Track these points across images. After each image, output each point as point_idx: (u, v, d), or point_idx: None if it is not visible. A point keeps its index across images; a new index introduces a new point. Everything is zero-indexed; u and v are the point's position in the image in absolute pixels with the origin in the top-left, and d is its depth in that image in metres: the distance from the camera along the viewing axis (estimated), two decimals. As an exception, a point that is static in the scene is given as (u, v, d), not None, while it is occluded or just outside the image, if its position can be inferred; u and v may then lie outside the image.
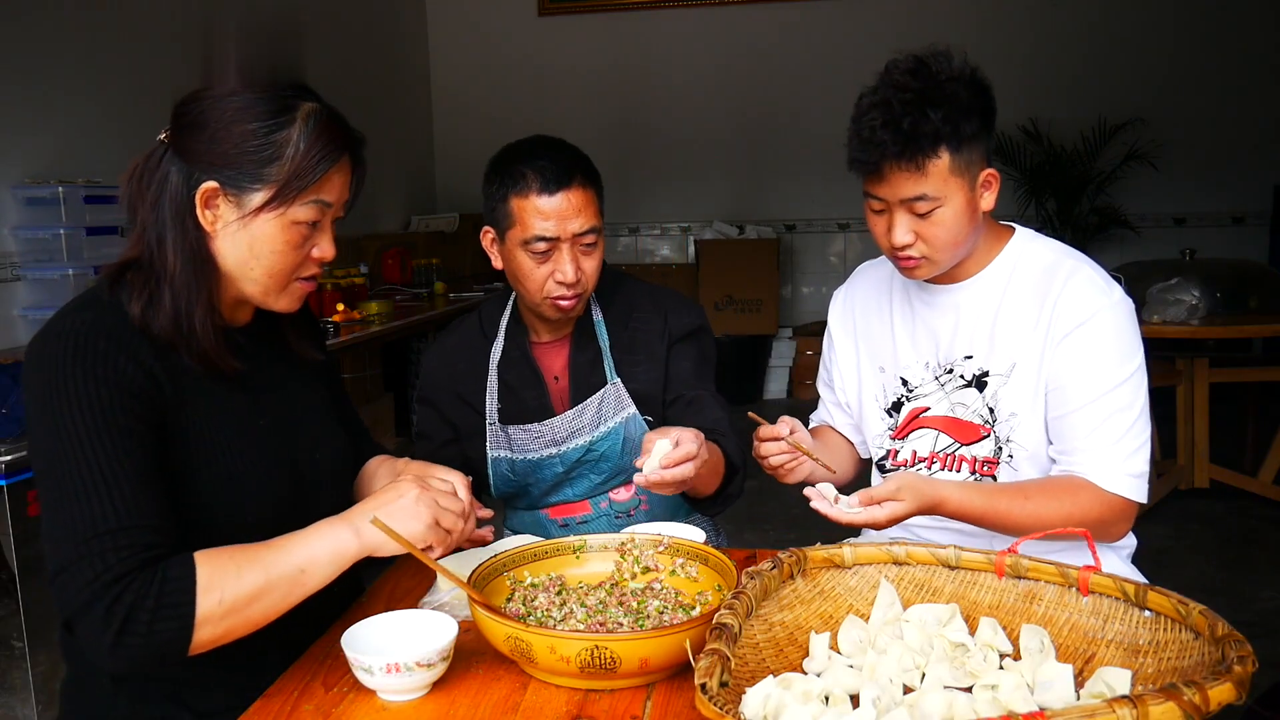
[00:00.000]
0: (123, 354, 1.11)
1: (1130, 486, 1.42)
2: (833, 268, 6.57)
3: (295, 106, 1.17)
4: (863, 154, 1.39)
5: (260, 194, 1.15)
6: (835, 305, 1.76)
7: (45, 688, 2.32)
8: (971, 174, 1.41)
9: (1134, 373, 1.44)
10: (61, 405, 1.08)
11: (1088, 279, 1.46)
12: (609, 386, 1.72)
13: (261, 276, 1.20)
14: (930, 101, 1.35)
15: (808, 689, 0.95)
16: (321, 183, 1.17)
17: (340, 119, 1.21)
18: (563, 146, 1.66)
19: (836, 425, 1.77)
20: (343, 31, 5.60)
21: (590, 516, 1.77)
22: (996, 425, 1.50)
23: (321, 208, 1.19)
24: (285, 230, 1.17)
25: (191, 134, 1.15)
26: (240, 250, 1.18)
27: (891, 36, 6.70)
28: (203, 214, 1.16)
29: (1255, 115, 5.92)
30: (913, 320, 1.59)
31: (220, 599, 1.06)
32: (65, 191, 3.25)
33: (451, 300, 4.91)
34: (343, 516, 1.16)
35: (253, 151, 1.14)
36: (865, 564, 1.18)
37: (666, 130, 6.54)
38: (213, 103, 1.15)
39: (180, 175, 1.16)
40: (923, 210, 1.40)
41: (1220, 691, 0.77)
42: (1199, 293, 3.79)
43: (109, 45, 3.77)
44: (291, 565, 1.11)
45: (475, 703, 1.10)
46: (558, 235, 1.60)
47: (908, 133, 1.35)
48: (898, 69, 1.40)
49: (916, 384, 1.58)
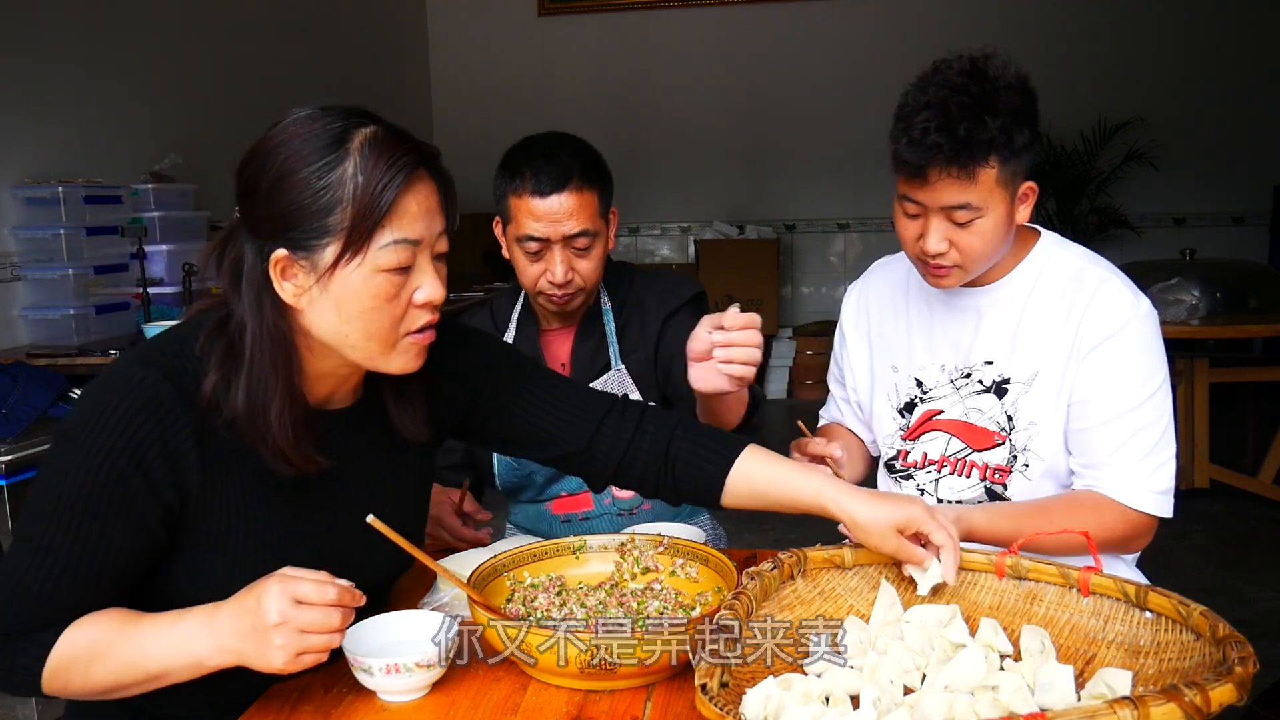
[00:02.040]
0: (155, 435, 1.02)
1: (1154, 503, 1.40)
2: (833, 268, 6.57)
3: (349, 137, 1.01)
4: (913, 155, 1.33)
5: (331, 248, 1.01)
6: (849, 301, 1.72)
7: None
8: (1015, 186, 1.37)
9: (1160, 387, 1.42)
10: (67, 454, 1.03)
11: (1116, 290, 1.43)
12: (612, 372, 1.75)
13: (360, 341, 1.05)
14: (989, 108, 1.30)
15: (808, 690, 0.95)
16: (394, 215, 1.01)
17: (401, 135, 1.05)
18: (566, 147, 1.66)
19: (847, 423, 1.76)
20: (342, 32, 5.60)
21: (592, 513, 1.78)
22: (1014, 433, 1.48)
23: (406, 246, 1.03)
24: (369, 282, 1.02)
25: (251, 201, 1.03)
26: (329, 317, 1.04)
27: (892, 37, 6.70)
28: (281, 287, 1.03)
29: (1255, 115, 5.92)
30: (930, 321, 1.56)
31: (65, 685, 1.06)
32: (65, 191, 3.25)
33: (452, 300, 4.90)
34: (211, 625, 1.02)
35: (309, 202, 1.00)
36: (866, 564, 1.18)
37: (666, 130, 6.54)
38: (264, 158, 1.03)
39: (253, 250, 1.04)
40: (963, 220, 1.36)
41: (1221, 692, 0.77)
42: (1199, 293, 3.79)
43: (109, 45, 3.77)
44: (144, 672, 1.04)
45: (475, 703, 1.10)
46: (548, 236, 1.63)
47: (964, 139, 1.30)
48: (951, 69, 1.35)
49: (931, 386, 1.56)
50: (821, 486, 1.18)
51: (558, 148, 1.65)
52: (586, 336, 1.77)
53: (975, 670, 0.98)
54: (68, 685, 1.05)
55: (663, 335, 1.75)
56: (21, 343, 3.29)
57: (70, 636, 1.04)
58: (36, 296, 3.31)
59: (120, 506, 1.02)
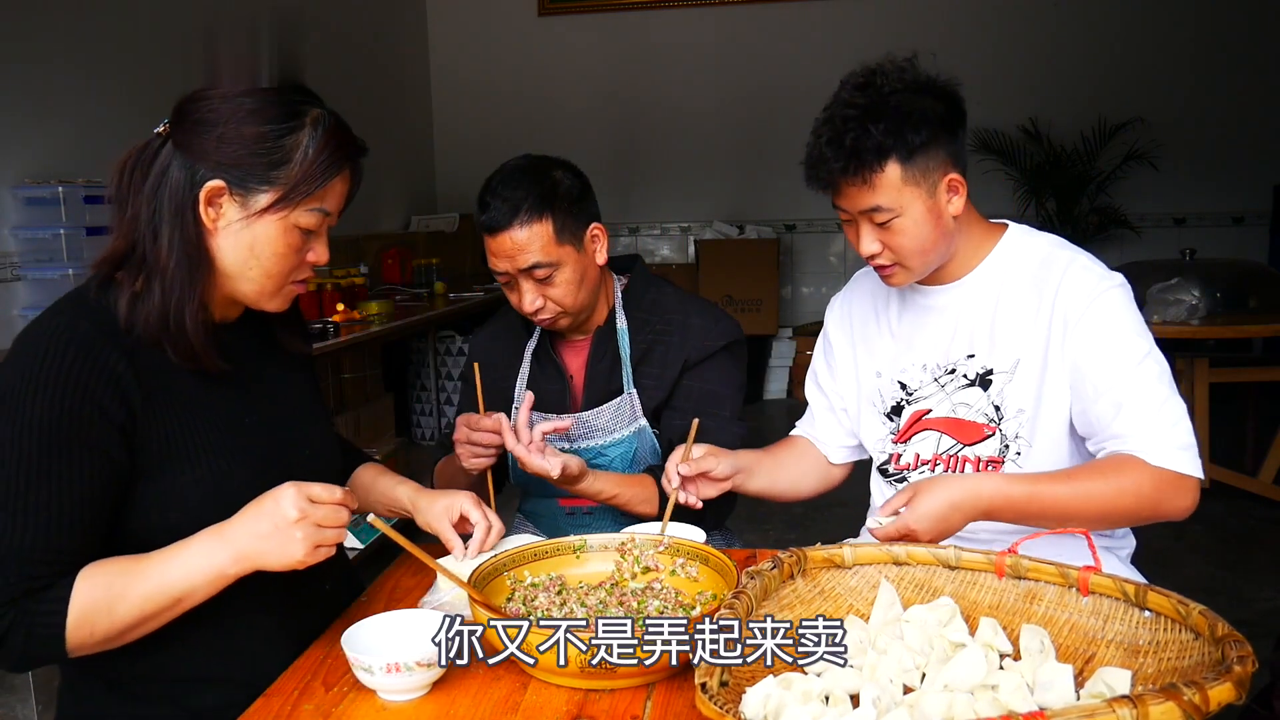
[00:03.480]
0: (89, 366, 1.10)
1: (1180, 460, 1.34)
2: (833, 268, 6.57)
3: (303, 111, 1.18)
4: (812, 172, 1.43)
5: (266, 196, 1.16)
6: (833, 311, 1.75)
7: (45, 688, 2.32)
8: (930, 181, 1.40)
9: (1152, 348, 1.41)
10: (10, 417, 1.08)
11: (1084, 266, 1.45)
12: (624, 396, 1.75)
13: (259, 277, 1.20)
14: (873, 116, 1.37)
15: (808, 689, 0.95)
16: (325, 190, 1.19)
17: (346, 127, 1.22)
18: (524, 178, 1.63)
19: (817, 434, 1.76)
20: (343, 31, 5.60)
21: (596, 509, 1.80)
22: (1003, 423, 1.49)
23: (322, 215, 1.20)
24: (286, 233, 1.18)
25: (198, 131, 1.15)
26: (241, 250, 1.18)
27: (890, 36, 6.70)
28: (205, 211, 1.16)
29: (1255, 115, 5.92)
30: (909, 323, 1.59)
31: (91, 633, 1.09)
32: (65, 191, 3.25)
33: (451, 300, 4.91)
34: (223, 538, 1.12)
35: (263, 154, 1.15)
36: (865, 564, 1.18)
37: (666, 130, 6.54)
38: (222, 102, 1.15)
39: (183, 171, 1.15)
40: (881, 220, 1.41)
41: (1220, 691, 0.77)
42: (1199, 293, 3.79)
43: (109, 45, 3.77)
44: (168, 596, 1.11)
45: (475, 703, 1.10)
46: (507, 270, 1.65)
47: (850, 148, 1.37)
48: (847, 85, 1.43)
49: (915, 386, 1.57)
50: (407, 493, 1.48)
51: (513, 180, 1.63)
52: (600, 356, 1.77)
53: (975, 669, 0.98)
54: (94, 631, 1.09)
55: (680, 381, 1.75)
56: (21, 343, 3.29)
57: (83, 587, 1.09)
58: (36, 296, 3.31)
59: (82, 442, 1.10)
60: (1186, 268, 4.02)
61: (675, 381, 1.75)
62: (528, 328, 1.84)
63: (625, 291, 1.81)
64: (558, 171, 1.67)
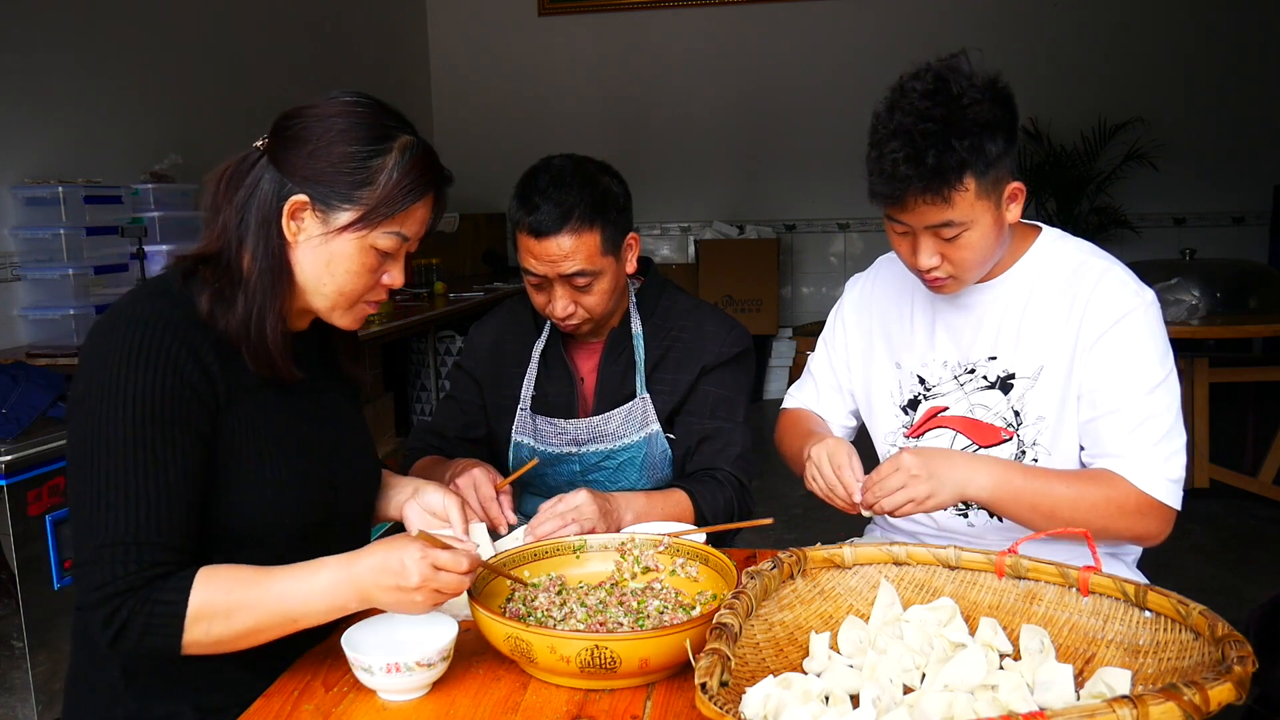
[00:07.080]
0: (185, 349, 1.13)
1: (1165, 490, 1.39)
2: (833, 268, 6.57)
3: (393, 135, 1.20)
4: (885, 188, 1.32)
5: (347, 214, 1.18)
6: (852, 292, 1.71)
7: (45, 688, 2.32)
8: (998, 192, 1.36)
9: (1168, 376, 1.41)
10: (110, 399, 1.10)
11: (1119, 280, 1.43)
12: (637, 400, 1.74)
13: (332, 293, 1.23)
14: (956, 131, 1.28)
15: (808, 689, 0.95)
16: (405, 214, 1.21)
17: (433, 156, 1.24)
18: (574, 181, 1.60)
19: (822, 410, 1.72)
20: (343, 32, 5.60)
21: None
22: (1022, 429, 1.47)
23: (400, 240, 1.23)
24: (363, 253, 1.21)
25: (291, 147, 1.18)
26: (317, 265, 1.21)
27: (892, 36, 6.69)
28: (287, 224, 1.19)
29: (1255, 115, 5.92)
30: (934, 318, 1.56)
31: (207, 631, 1.10)
32: (65, 191, 3.25)
33: (451, 300, 4.90)
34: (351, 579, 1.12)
35: (348, 173, 1.17)
36: (865, 564, 1.18)
37: (666, 130, 6.54)
38: (317, 120, 1.19)
39: (272, 184, 1.19)
40: (949, 235, 1.35)
41: (1220, 691, 0.77)
42: (1199, 293, 3.79)
43: (109, 45, 3.77)
44: (286, 616, 1.12)
45: (475, 703, 1.10)
46: (545, 274, 1.63)
47: (933, 167, 1.28)
48: (915, 90, 1.32)
49: (934, 382, 1.55)
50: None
51: (563, 182, 1.59)
52: (613, 359, 1.77)
53: (975, 669, 0.98)
54: (209, 631, 1.10)
55: (696, 385, 1.75)
56: (21, 343, 3.29)
57: (202, 589, 1.10)
58: (36, 296, 3.31)
59: (180, 422, 1.13)
60: (1186, 268, 4.01)
61: (690, 387, 1.74)
62: (538, 326, 1.82)
63: (639, 295, 1.80)
64: (606, 178, 1.65)
